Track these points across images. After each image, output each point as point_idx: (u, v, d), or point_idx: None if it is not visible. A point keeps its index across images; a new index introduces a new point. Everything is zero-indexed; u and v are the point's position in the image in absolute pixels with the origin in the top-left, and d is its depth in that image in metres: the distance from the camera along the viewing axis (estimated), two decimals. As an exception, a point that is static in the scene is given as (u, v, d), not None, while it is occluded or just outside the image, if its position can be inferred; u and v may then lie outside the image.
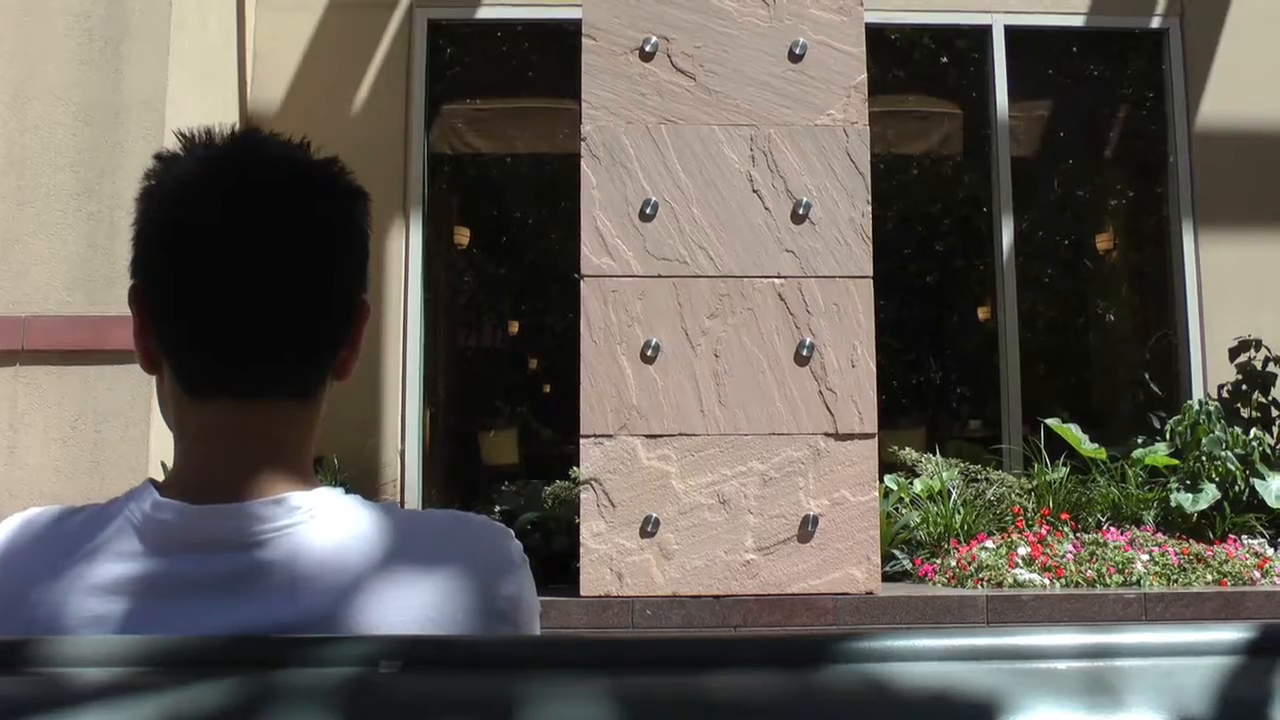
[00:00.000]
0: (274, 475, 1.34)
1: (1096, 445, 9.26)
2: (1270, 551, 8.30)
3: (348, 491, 1.37)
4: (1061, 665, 1.03)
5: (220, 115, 8.93)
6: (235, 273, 1.34)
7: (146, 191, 1.39)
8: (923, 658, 1.02)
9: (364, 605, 1.26)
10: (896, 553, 8.43)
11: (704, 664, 1.03)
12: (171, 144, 1.42)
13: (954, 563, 8.07)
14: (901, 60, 11.62)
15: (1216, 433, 8.87)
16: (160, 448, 7.81)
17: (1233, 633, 1.06)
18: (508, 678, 1.01)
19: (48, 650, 1.02)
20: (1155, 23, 10.88)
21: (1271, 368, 9.50)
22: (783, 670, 1.02)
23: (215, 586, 1.26)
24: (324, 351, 1.42)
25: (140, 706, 0.98)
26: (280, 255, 1.35)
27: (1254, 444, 8.88)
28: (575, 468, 7.95)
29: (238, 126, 1.47)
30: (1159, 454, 9.03)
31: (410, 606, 1.28)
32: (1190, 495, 8.60)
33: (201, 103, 8.82)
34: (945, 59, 11.64)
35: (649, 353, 7.68)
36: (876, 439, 7.81)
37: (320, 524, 1.30)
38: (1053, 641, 1.05)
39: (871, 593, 7.54)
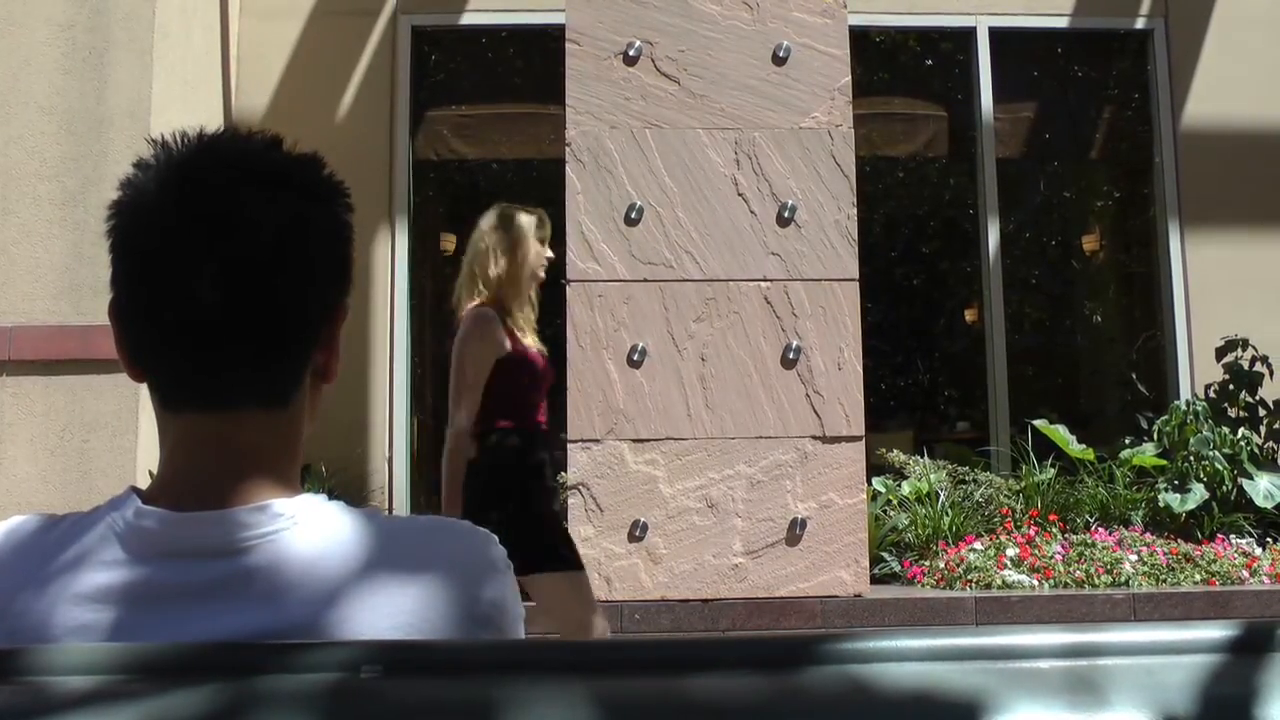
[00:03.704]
0: (256, 482, 1.33)
1: (1084, 446, 9.28)
2: (1258, 551, 8.32)
3: (332, 498, 1.36)
4: (1045, 664, 1.03)
5: (205, 123, 8.90)
6: (190, 280, 1.31)
7: (115, 201, 1.38)
8: (905, 658, 1.02)
9: (347, 611, 1.26)
10: (885, 555, 8.44)
11: (686, 666, 1.02)
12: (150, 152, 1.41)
13: (942, 564, 8.08)
14: (886, 62, 11.64)
15: (1204, 432, 8.89)
16: (148, 456, 7.80)
17: (1216, 631, 1.06)
18: (490, 682, 1.01)
19: (32, 659, 1.02)
20: (1140, 24, 10.90)
21: (1258, 367, 9.52)
22: (765, 672, 1.02)
23: (198, 594, 1.25)
24: (292, 356, 1.39)
25: (124, 714, 0.98)
26: (234, 257, 1.32)
27: (1242, 444, 8.90)
28: (563, 472, 7.95)
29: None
30: (1147, 454, 9.05)
31: (393, 612, 1.27)
32: (1178, 495, 8.62)
33: (186, 111, 8.81)
34: (930, 61, 11.66)
35: (635, 357, 7.69)
36: (864, 441, 7.82)
37: (303, 530, 1.29)
38: (1036, 640, 1.05)
39: (860, 595, 7.55)
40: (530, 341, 5.21)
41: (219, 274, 1.31)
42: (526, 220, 5.32)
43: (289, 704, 0.98)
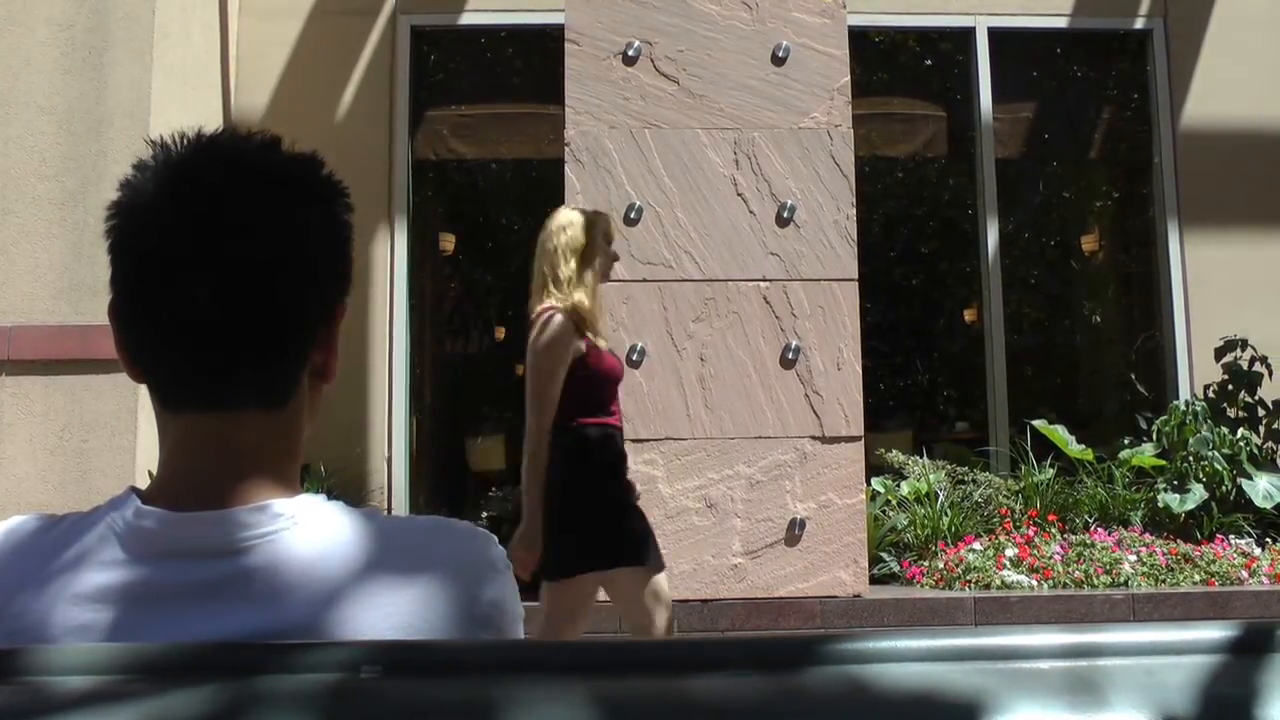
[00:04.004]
0: (255, 482, 1.33)
1: (1083, 446, 9.28)
2: (1257, 551, 8.32)
3: (331, 498, 1.36)
4: (1045, 665, 1.03)
5: (204, 123, 8.89)
6: (189, 281, 1.31)
7: (114, 202, 1.38)
8: (906, 659, 1.02)
9: (346, 611, 1.25)
10: (884, 555, 8.44)
11: (686, 667, 1.02)
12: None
13: (941, 565, 8.08)
14: (885, 62, 11.64)
15: (1203, 433, 8.88)
16: (147, 456, 7.80)
17: (1216, 631, 1.06)
18: (490, 682, 1.00)
19: (31, 659, 1.01)
20: (1139, 24, 10.90)
21: (1257, 367, 9.52)
22: (765, 672, 1.01)
23: (197, 594, 1.25)
24: (291, 356, 1.39)
25: (124, 714, 0.98)
26: (233, 258, 1.32)
27: (1241, 444, 8.90)
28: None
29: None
30: (1146, 454, 9.05)
31: (393, 612, 1.27)
32: (1177, 495, 8.61)
33: (186, 111, 8.81)
34: (929, 61, 11.66)
35: (635, 357, 7.68)
36: (863, 441, 7.81)
37: (302, 530, 1.29)
38: (1036, 641, 1.05)
39: (859, 595, 7.55)
40: (601, 340, 5.22)
41: (218, 274, 1.31)
42: (592, 220, 5.36)
43: (289, 704, 0.98)
